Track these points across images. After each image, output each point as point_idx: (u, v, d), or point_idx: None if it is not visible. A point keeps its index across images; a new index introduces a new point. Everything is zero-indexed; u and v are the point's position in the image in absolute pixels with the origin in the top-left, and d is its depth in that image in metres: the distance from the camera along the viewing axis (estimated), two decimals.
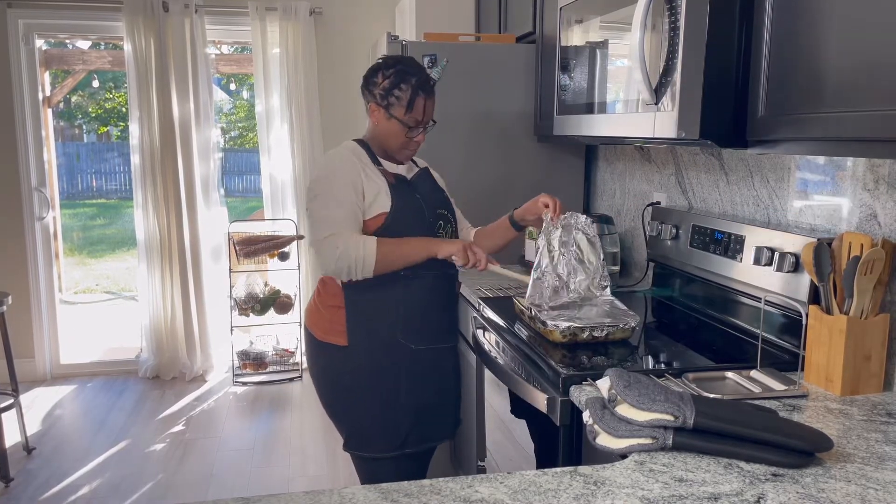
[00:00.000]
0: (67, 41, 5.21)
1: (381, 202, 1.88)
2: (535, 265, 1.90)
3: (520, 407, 1.92)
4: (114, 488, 3.04)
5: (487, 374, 2.12)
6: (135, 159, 4.15)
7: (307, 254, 4.37)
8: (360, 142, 1.99)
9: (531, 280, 1.89)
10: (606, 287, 1.94)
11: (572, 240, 1.92)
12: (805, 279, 1.66)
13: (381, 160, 1.97)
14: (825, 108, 1.29)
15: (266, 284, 4.41)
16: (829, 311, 1.55)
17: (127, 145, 4.40)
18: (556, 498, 1.08)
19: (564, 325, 1.76)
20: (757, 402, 1.43)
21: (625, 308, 1.89)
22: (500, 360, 1.98)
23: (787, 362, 1.66)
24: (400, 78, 1.88)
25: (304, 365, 4.43)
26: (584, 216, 1.94)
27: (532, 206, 2.00)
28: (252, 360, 4.33)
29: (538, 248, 1.92)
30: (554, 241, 1.90)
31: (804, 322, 1.57)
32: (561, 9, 2.31)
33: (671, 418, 1.20)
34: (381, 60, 1.93)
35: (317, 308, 2.02)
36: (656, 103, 1.66)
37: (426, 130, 1.96)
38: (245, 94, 12.68)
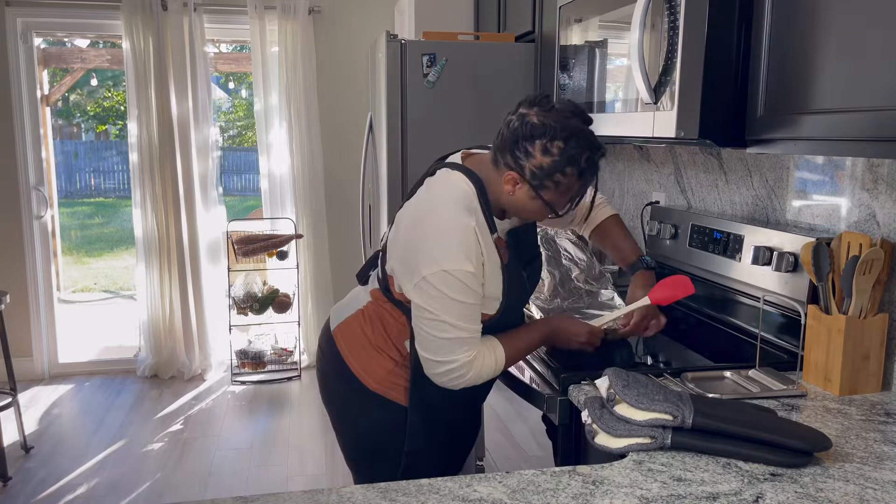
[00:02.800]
0: (66, 39, 5.20)
1: (492, 298, 1.49)
2: None
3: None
4: (112, 487, 3.04)
5: None
6: (133, 158, 4.14)
7: (306, 253, 4.37)
8: (476, 182, 1.46)
9: None
10: (609, 285, 1.94)
11: (558, 248, 1.92)
12: (804, 279, 1.66)
13: (495, 218, 1.50)
14: (824, 107, 1.29)
15: (264, 283, 4.40)
16: (827, 311, 1.55)
17: (125, 144, 4.41)
18: (554, 497, 1.08)
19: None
20: (756, 401, 1.43)
21: (624, 306, 1.88)
22: None
23: (785, 362, 1.66)
24: (569, 160, 1.38)
25: (304, 364, 4.43)
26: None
27: (638, 312, 1.72)
28: (250, 360, 4.33)
29: None
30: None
31: (803, 322, 1.57)
32: (560, 8, 2.30)
33: (670, 418, 1.20)
34: (541, 120, 1.38)
35: (371, 349, 1.58)
36: (655, 103, 1.66)
37: None
38: (244, 93, 12.68)
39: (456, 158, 1.56)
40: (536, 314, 1.86)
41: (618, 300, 1.91)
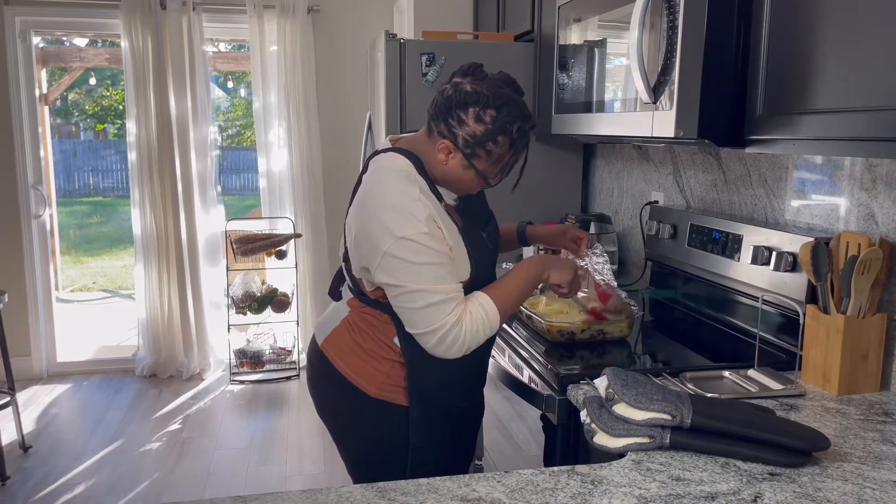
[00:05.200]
0: (64, 38, 5.19)
1: (461, 264, 1.47)
2: None
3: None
4: (110, 487, 3.04)
5: None
6: (132, 157, 4.14)
7: (304, 252, 4.36)
8: (410, 156, 1.47)
9: None
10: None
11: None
12: (803, 278, 1.67)
13: (438, 187, 1.50)
14: (823, 107, 1.29)
15: (263, 283, 4.40)
16: (826, 311, 1.55)
17: (124, 143, 4.40)
18: (553, 497, 1.08)
19: (562, 324, 1.77)
20: (754, 401, 1.43)
21: (625, 302, 1.88)
22: (498, 359, 1.98)
23: (784, 362, 1.66)
24: (500, 128, 1.40)
25: (303, 363, 4.43)
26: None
27: (558, 239, 1.79)
28: (249, 359, 4.32)
29: None
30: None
31: (802, 321, 1.57)
32: (559, 7, 2.30)
33: (668, 417, 1.20)
34: (475, 88, 1.41)
35: (364, 355, 1.54)
36: (654, 102, 1.66)
37: None
38: (242, 92, 12.66)
39: (385, 145, 1.55)
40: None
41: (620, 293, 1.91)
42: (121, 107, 12.30)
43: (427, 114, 1.48)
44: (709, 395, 1.43)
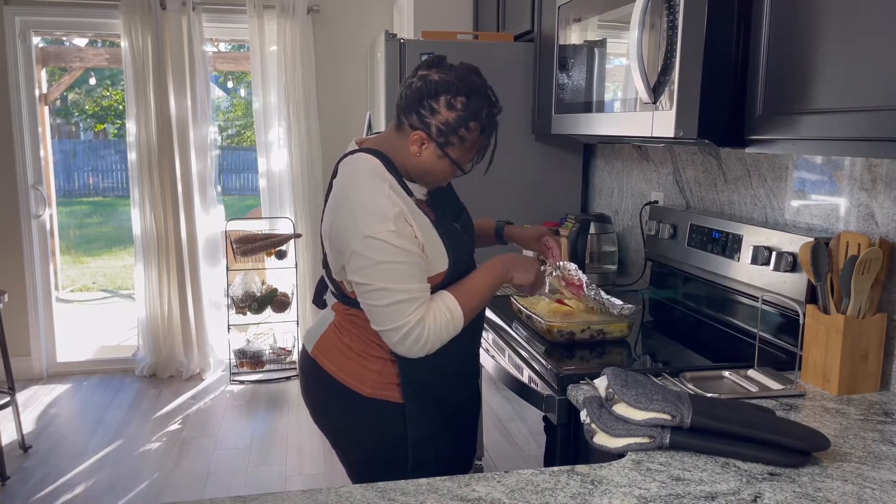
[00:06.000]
0: (64, 38, 5.20)
1: (438, 256, 1.48)
2: None
3: None
4: (110, 487, 3.04)
5: (485, 373, 2.12)
6: (132, 157, 4.14)
7: (304, 252, 4.36)
8: (378, 155, 1.48)
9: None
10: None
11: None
12: (802, 278, 1.67)
13: (406, 182, 1.51)
14: (823, 107, 1.29)
15: (263, 283, 4.40)
16: (826, 311, 1.55)
17: (124, 143, 4.40)
18: (553, 497, 1.08)
19: (562, 323, 1.77)
20: (754, 401, 1.43)
21: (621, 305, 1.88)
22: (498, 360, 1.98)
23: (784, 361, 1.66)
24: (472, 114, 1.44)
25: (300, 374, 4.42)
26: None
27: (533, 243, 1.81)
28: (249, 359, 4.32)
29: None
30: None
31: (801, 321, 1.57)
32: (559, 7, 2.30)
33: (668, 417, 1.20)
34: (442, 77, 1.45)
35: (355, 356, 1.56)
36: (654, 102, 1.66)
37: None
38: (242, 92, 12.66)
39: (351, 147, 1.57)
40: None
41: (614, 300, 1.91)
42: (121, 107, 12.30)
43: (396, 108, 1.49)
44: (709, 395, 1.43)
